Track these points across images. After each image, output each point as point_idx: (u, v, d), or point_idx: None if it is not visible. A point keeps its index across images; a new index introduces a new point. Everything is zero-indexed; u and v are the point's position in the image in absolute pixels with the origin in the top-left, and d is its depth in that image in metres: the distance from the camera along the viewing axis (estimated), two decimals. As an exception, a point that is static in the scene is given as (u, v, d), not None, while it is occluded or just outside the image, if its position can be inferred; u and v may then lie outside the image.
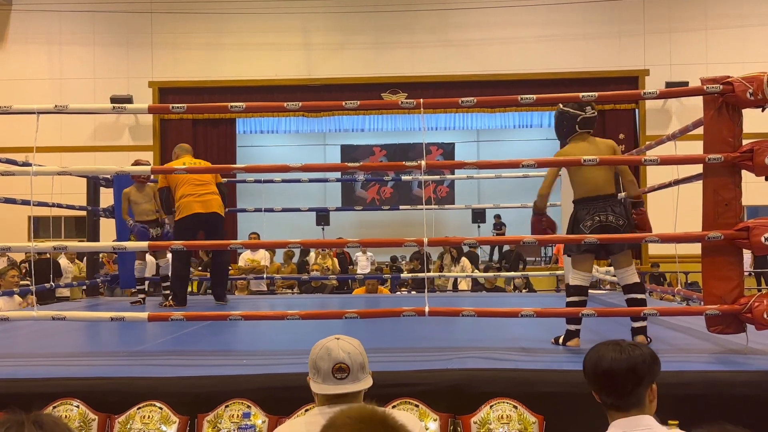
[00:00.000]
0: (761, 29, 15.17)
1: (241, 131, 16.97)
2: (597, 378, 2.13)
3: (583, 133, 4.27)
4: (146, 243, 5.62)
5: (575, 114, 4.23)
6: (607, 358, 2.11)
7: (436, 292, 10.33)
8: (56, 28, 15.93)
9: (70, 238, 15.20)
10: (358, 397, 2.23)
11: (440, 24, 15.70)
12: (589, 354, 2.19)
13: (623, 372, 2.07)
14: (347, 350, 2.22)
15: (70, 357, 4.19)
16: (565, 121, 4.29)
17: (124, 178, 7.19)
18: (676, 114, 15.17)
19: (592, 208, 4.13)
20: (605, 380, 2.11)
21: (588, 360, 2.18)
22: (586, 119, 4.25)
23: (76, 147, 15.38)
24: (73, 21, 15.82)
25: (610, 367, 2.09)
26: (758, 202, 12.68)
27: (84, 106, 9.20)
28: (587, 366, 2.17)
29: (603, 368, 2.11)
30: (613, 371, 2.09)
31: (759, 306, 3.67)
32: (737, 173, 3.85)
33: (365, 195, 18.16)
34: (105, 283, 8.47)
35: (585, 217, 4.13)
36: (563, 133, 4.33)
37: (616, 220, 4.12)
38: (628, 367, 2.07)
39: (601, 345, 2.18)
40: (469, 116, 16.89)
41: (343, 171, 9.10)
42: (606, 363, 2.10)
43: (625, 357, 2.09)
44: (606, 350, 2.14)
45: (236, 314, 4.18)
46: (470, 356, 3.69)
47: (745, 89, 3.75)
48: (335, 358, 2.20)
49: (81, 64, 15.92)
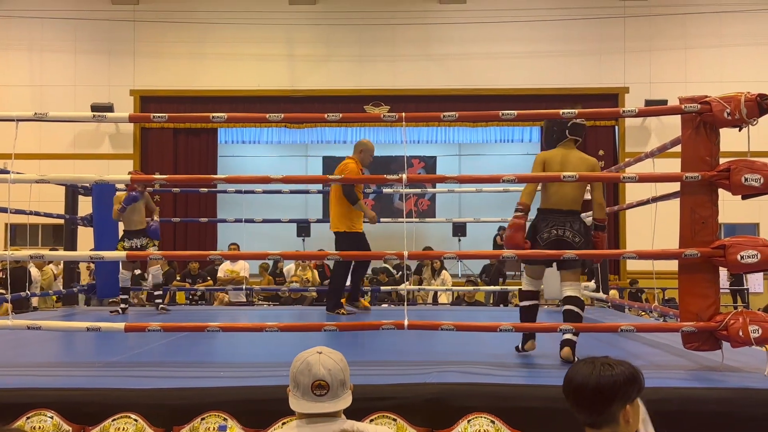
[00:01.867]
0: (739, 49, 15.38)
1: (222, 141, 16.90)
2: (568, 395, 2.13)
3: (570, 141, 4.32)
4: (124, 253, 5.58)
5: (567, 118, 4.27)
6: (579, 375, 2.09)
7: (416, 305, 10.32)
8: (38, 35, 15.81)
9: (47, 246, 15.04)
10: (337, 412, 2.21)
11: (422, 38, 15.76)
12: (568, 370, 2.19)
13: (591, 390, 2.05)
14: (328, 366, 2.18)
15: (44, 367, 4.14)
16: (556, 127, 4.34)
17: (104, 186, 7.14)
18: (655, 131, 15.32)
19: (551, 221, 4.20)
20: (575, 397, 2.10)
21: (565, 376, 2.19)
22: (576, 125, 4.30)
23: (56, 154, 15.24)
24: (54, 28, 15.71)
25: (580, 385, 2.07)
26: (735, 221, 12.86)
27: (64, 114, 9.14)
28: (564, 382, 2.16)
29: (574, 385, 2.09)
30: (582, 389, 2.06)
31: (734, 323, 3.71)
32: (714, 192, 3.90)
33: (346, 207, 18.12)
34: (81, 292, 8.38)
35: (543, 229, 4.21)
36: (552, 140, 4.37)
37: (572, 237, 4.18)
38: (596, 386, 2.04)
39: (580, 362, 2.17)
40: (451, 130, 16.96)
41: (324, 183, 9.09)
42: (577, 380, 2.09)
43: (596, 375, 2.06)
44: (580, 367, 2.12)
45: (214, 326, 4.15)
46: (449, 370, 3.69)
47: (722, 109, 3.80)
48: (315, 374, 2.17)
49: (62, 71, 15.81)
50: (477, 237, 15.27)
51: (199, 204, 15.50)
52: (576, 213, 4.27)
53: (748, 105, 3.76)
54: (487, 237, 15.39)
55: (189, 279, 12.04)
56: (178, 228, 15.16)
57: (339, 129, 16.94)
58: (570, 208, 4.24)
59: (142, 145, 15.94)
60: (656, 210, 4.98)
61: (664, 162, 4.87)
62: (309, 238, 15.66)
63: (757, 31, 15.38)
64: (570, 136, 4.30)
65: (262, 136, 17.30)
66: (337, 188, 6.55)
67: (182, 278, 12.20)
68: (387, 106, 15.33)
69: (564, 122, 4.28)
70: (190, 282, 11.88)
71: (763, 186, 3.74)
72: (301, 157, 18.73)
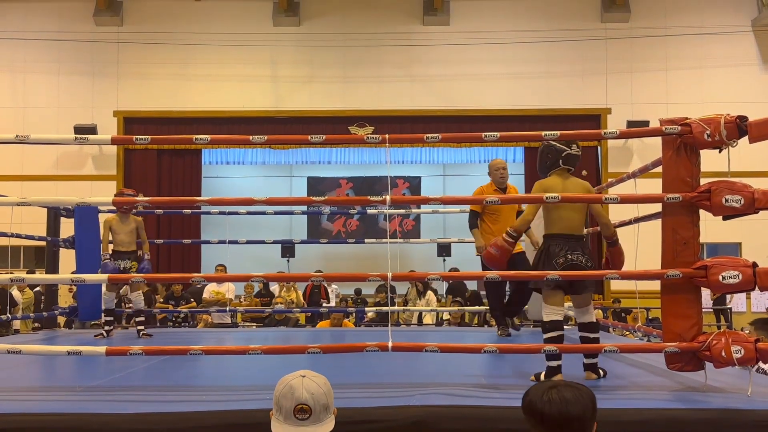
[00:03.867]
0: (720, 70, 15.58)
1: (206, 162, 16.87)
2: (529, 419, 2.13)
3: (563, 170, 4.35)
4: (105, 276, 5.53)
5: (561, 149, 4.31)
6: (538, 401, 2.10)
7: (400, 326, 10.30)
8: (20, 56, 15.77)
9: (29, 268, 14.90)
10: (319, 437, 2.19)
11: (406, 60, 15.86)
12: (534, 401, 2.15)
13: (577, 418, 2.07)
14: (311, 390, 2.18)
15: (24, 392, 4.09)
16: (550, 155, 4.36)
17: (86, 208, 7.09)
18: (637, 152, 15.44)
19: (565, 246, 4.20)
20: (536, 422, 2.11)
21: (523, 400, 2.18)
22: (570, 156, 4.34)
23: (38, 176, 15.15)
24: (37, 49, 15.67)
25: (540, 410, 2.08)
26: (717, 240, 12.94)
27: (46, 137, 9.09)
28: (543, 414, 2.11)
29: (563, 417, 2.08)
30: (569, 418, 2.07)
31: (717, 344, 3.72)
32: (695, 212, 3.92)
33: (331, 227, 18.12)
34: (63, 315, 8.28)
35: (558, 253, 4.19)
36: (545, 167, 4.40)
37: (585, 261, 4.20)
38: (582, 411, 2.07)
39: (533, 387, 2.18)
40: (435, 150, 17.03)
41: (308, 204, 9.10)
42: (537, 405, 2.09)
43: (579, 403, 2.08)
44: (537, 392, 2.13)
45: (197, 349, 4.11)
46: (433, 392, 3.67)
47: (702, 131, 3.83)
48: (297, 398, 2.16)
49: (45, 92, 15.75)
50: (462, 257, 15.27)
51: (182, 225, 15.42)
52: (582, 238, 4.34)
53: (728, 127, 3.79)
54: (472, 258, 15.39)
55: (172, 301, 11.94)
56: (161, 249, 15.07)
57: (323, 150, 17.00)
58: (579, 233, 4.30)
59: (126, 166, 15.88)
60: (638, 230, 5.01)
61: (646, 182, 4.91)
62: (294, 259, 15.62)
63: (737, 53, 15.60)
64: (563, 165, 4.33)
65: (246, 156, 17.30)
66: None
67: (165, 300, 12.11)
68: (371, 126, 15.38)
69: (559, 151, 4.32)
70: (173, 304, 11.79)
71: (743, 207, 3.77)
72: (286, 178, 18.73)
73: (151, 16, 15.95)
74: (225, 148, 16.56)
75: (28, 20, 15.73)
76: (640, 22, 15.79)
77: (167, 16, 15.90)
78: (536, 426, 2.11)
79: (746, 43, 15.66)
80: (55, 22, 15.76)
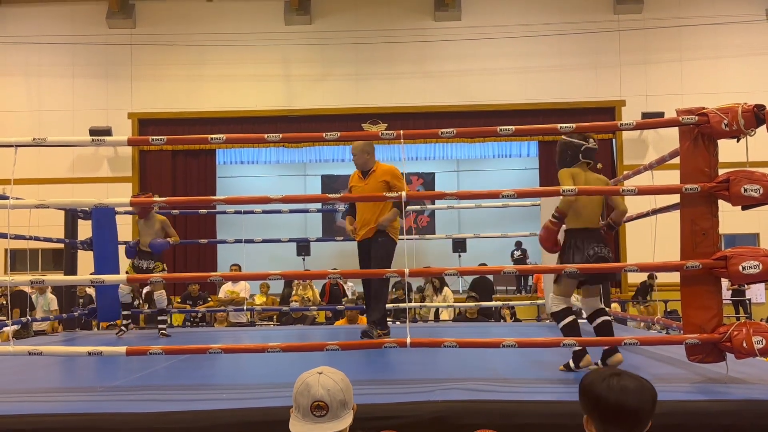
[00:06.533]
0: (735, 60, 15.46)
1: (221, 162, 16.94)
2: (585, 402, 2.04)
3: (583, 163, 4.40)
4: (125, 276, 5.56)
5: (579, 144, 4.37)
6: (631, 396, 1.99)
7: (418, 322, 10.29)
8: (35, 60, 15.88)
9: (47, 270, 15.01)
10: (338, 432, 2.19)
11: (419, 56, 15.84)
12: (593, 384, 2.05)
13: (646, 412, 2.01)
14: (327, 387, 2.16)
15: (45, 393, 4.12)
16: (569, 151, 4.41)
17: (103, 210, 7.13)
18: (652, 144, 15.36)
19: (591, 239, 4.28)
20: (591, 406, 2.02)
21: (583, 380, 2.08)
22: (589, 149, 4.39)
23: (55, 179, 15.27)
24: (52, 53, 15.79)
25: (598, 394, 2.00)
26: (735, 231, 12.86)
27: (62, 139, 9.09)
28: (608, 402, 1.99)
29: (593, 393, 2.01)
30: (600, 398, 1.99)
31: (738, 335, 3.69)
32: (714, 203, 3.89)
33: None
34: (83, 316, 8.34)
35: (586, 246, 4.25)
36: (566, 162, 4.44)
37: (607, 253, 4.29)
38: (652, 402, 2.02)
39: (596, 370, 2.10)
40: (449, 146, 17.00)
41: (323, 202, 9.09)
42: (596, 389, 2.01)
43: (648, 393, 2.02)
44: (599, 375, 2.05)
45: (216, 347, 4.13)
46: (452, 387, 3.66)
47: (720, 120, 3.80)
48: (314, 395, 2.15)
49: (60, 95, 15.87)
50: (477, 252, 15.26)
51: (198, 225, 15.49)
52: (600, 230, 4.41)
53: (745, 116, 3.76)
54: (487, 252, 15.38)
55: (189, 301, 12.00)
56: (177, 250, 15.14)
57: (337, 147, 17.01)
58: (597, 226, 4.39)
59: (141, 167, 15.97)
60: (656, 222, 4.98)
61: (663, 174, 4.88)
62: (309, 257, 15.66)
63: (751, 42, 15.47)
64: (583, 159, 4.37)
65: (260, 156, 17.35)
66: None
67: (182, 300, 12.17)
68: (385, 123, 15.37)
69: (578, 146, 4.37)
70: (190, 304, 11.85)
71: (762, 196, 3.74)
72: (300, 176, 18.78)
73: (163, 17, 16.02)
74: (239, 147, 16.62)
75: (42, 24, 15.84)
76: (653, 13, 15.69)
77: (179, 17, 15.96)
78: (590, 411, 2.03)
79: (760, 32, 15.51)
80: (68, 25, 15.87)
